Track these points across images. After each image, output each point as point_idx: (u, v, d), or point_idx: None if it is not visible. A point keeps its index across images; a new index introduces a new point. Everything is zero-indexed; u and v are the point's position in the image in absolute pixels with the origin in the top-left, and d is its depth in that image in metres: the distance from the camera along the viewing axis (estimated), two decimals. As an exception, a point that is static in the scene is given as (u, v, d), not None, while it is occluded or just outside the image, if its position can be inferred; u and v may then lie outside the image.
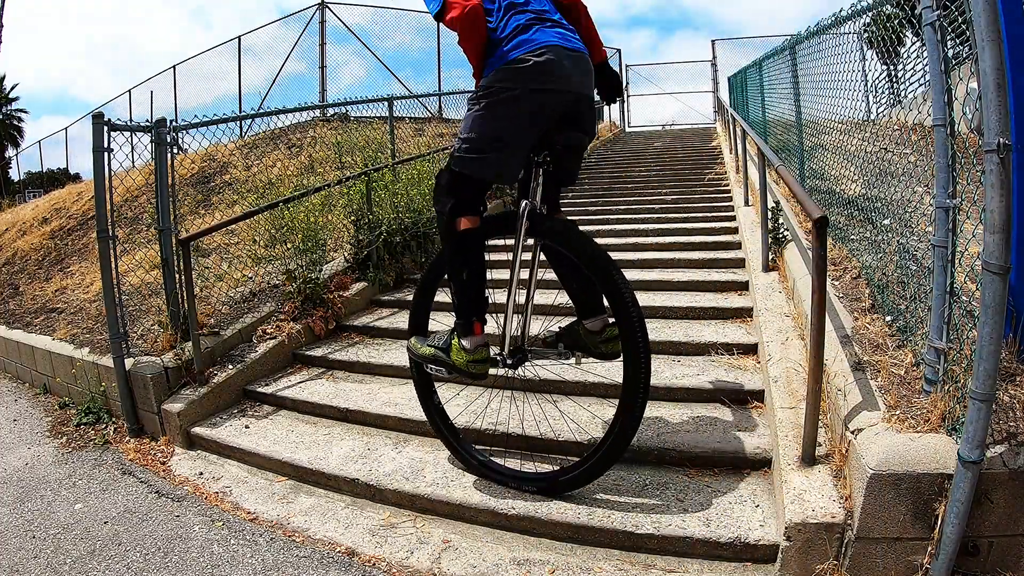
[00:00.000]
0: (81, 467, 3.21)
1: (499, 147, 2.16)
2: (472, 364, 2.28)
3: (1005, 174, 1.49)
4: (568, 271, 2.35)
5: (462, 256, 2.27)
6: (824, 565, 1.80)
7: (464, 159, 2.21)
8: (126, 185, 4.24)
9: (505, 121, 2.14)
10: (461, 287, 2.28)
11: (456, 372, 2.34)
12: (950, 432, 1.73)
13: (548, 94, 2.11)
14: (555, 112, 2.16)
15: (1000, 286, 1.51)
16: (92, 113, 3.51)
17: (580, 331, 2.38)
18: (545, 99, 2.11)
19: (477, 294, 2.29)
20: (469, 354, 2.28)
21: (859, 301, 2.71)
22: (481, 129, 2.17)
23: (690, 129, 14.38)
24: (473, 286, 2.28)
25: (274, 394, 3.55)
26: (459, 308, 2.30)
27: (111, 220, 3.53)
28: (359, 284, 4.81)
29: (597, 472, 2.26)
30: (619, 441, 2.18)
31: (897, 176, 2.54)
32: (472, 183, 2.27)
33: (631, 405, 2.14)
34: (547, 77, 2.08)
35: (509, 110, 2.11)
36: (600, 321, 2.34)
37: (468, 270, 2.26)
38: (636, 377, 2.12)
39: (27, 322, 5.25)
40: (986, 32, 1.48)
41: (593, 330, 2.34)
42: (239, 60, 12.26)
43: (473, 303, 2.28)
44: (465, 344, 2.29)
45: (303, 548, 2.30)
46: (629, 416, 2.15)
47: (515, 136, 2.15)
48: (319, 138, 8.33)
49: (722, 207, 6.33)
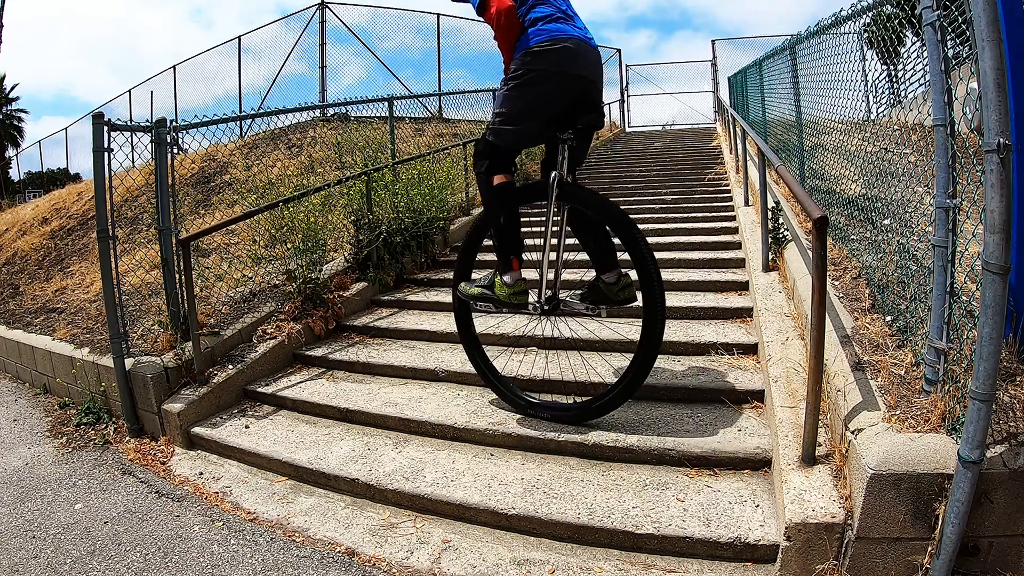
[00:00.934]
0: (81, 467, 3.21)
1: (524, 120, 2.64)
2: (512, 295, 2.73)
3: (1005, 174, 1.49)
4: (587, 232, 2.78)
5: (499, 205, 2.76)
6: (824, 565, 1.80)
7: (496, 130, 2.72)
8: (126, 185, 4.24)
9: (529, 98, 2.60)
10: (499, 231, 2.76)
11: (500, 304, 2.80)
12: (950, 432, 1.73)
13: (565, 77, 2.54)
14: (571, 94, 2.59)
15: (1000, 286, 1.51)
16: (92, 113, 3.51)
17: (600, 285, 2.78)
18: (562, 81, 2.55)
19: (513, 237, 2.77)
20: (509, 288, 2.73)
21: (859, 301, 2.71)
22: (509, 105, 2.65)
23: (690, 129, 14.39)
24: (510, 230, 2.76)
25: (274, 394, 3.55)
26: (499, 249, 2.77)
27: (111, 220, 3.53)
28: (359, 284, 4.82)
29: (631, 391, 2.65)
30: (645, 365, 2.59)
31: (897, 176, 2.54)
32: (502, 149, 2.76)
33: (652, 336, 2.56)
34: (564, 62, 2.51)
35: (532, 89, 2.57)
36: (615, 274, 2.77)
37: (505, 216, 2.75)
38: (655, 313, 2.55)
39: (27, 322, 5.25)
40: (986, 32, 1.48)
41: (610, 282, 2.77)
42: (239, 60, 12.28)
43: (510, 244, 2.76)
44: (506, 279, 2.74)
45: (303, 548, 2.30)
46: (651, 346, 2.56)
47: (537, 111, 2.62)
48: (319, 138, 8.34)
49: (722, 207, 6.33)
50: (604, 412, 2.71)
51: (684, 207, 6.59)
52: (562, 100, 2.59)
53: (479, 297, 2.86)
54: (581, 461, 2.60)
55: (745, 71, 9.01)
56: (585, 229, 2.78)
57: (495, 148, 2.75)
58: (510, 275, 2.74)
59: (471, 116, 9.58)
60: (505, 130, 2.68)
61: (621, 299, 2.78)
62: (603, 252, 2.78)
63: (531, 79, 2.54)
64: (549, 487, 2.41)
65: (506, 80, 2.65)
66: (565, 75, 2.53)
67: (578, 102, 2.60)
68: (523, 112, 2.63)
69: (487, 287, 2.82)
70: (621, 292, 2.76)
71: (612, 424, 2.72)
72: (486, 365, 3.09)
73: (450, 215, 6.11)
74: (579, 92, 2.59)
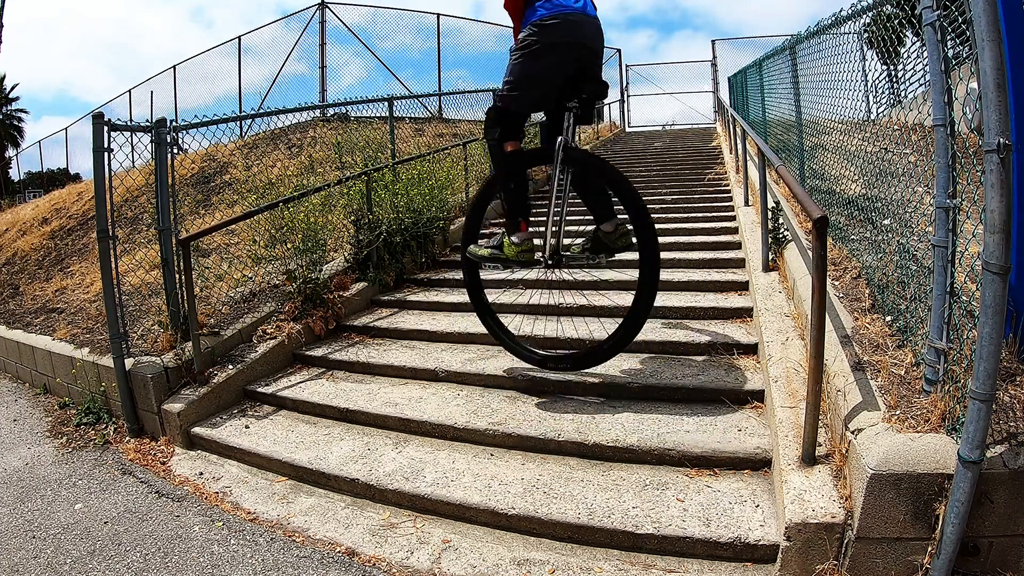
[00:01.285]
0: (81, 467, 3.21)
1: (530, 85, 2.89)
2: (520, 254, 2.99)
3: (1005, 174, 1.48)
4: (587, 189, 3.05)
5: (508, 170, 3.05)
6: (824, 565, 1.80)
7: (505, 96, 2.96)
8: (126, 185, 4.24)
9: (535, 66, 2.82)
10: (509, 195, 3.06)
11: (508, 262, 3.06)
12: (950, 432, 1.73)
13: (568, 47, 2.77)
14: (573, 63, 2.82)
15: (1000, 286, 1.51)
16: (92, 113, 3.51)
17: (599, 235, 3.06)
18: (566, 50, 2.78)
19: (521, 200, 3.07)
20: (517, 247, 2.99)
21: (859, 301, 2.71)
22: (517, 72, 2.88)
23: (690, 129, 14.39)
24: (518, 194, 3.06)
25: (274, 394, 3.55)
26: (508, 211, 3.09)
27: (111, 220, 3.53)
28: (359, 284, 4.82)
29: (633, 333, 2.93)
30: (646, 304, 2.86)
31: (897, 176, 2.53)
32: (511, 115, 3.01)
33: (650, 281, 2.84)
34: (568, 33, 2.75)
35: (538, 58, 2.79)
36: (612, 224, 3.03)
37: (514, 182, 3.06)
38: (652, 259, 2.81)
39: (27, 322, 5.25)
40: (986, 32, 1.48)
41: (608, 231, 3.04)
42: (239, 60, 12.28)
43: (519, 207, 3.05)
44: (514, 239, 3.00)
45: (303, 548, 2.30)
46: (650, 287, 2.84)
47: (542, 77, 2.85)
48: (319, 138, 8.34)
49: (722, 207, 6.33)
50: (617, 351, 2.99)
51: (684, 207, 6.59)
52: (565, 68, 2.82)
53: (488, 258, 3.10)
54: (581, 461, 2.59)
55: (745, 71, 9.01)
56: (586, 188, 3.05)
57: (504, 113, 3.00)
58: (518, 235, 3.01)
59: (471, 116, 9.58)
60: (513, 95, 2.94)
61: (619, 247, 3.05)
62: (602, 207, 3.05)
63: (537, 49, 2.78)
64: (549, 487, 2.41)
65: (515, 49, 2.90)
66: (569, 44, 2.76)
67: (581, 72, 2.85)
68: (530, 77, 2.87)
69: (496, 247, 3.08)
70: (619, 240, 3.03)
71: (612, 424, 2.72)
72: (500, 328, 3.32)
73: (450, 215, 6.11)
74: (582, 62, 2.84)
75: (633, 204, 2.83)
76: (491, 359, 3.55)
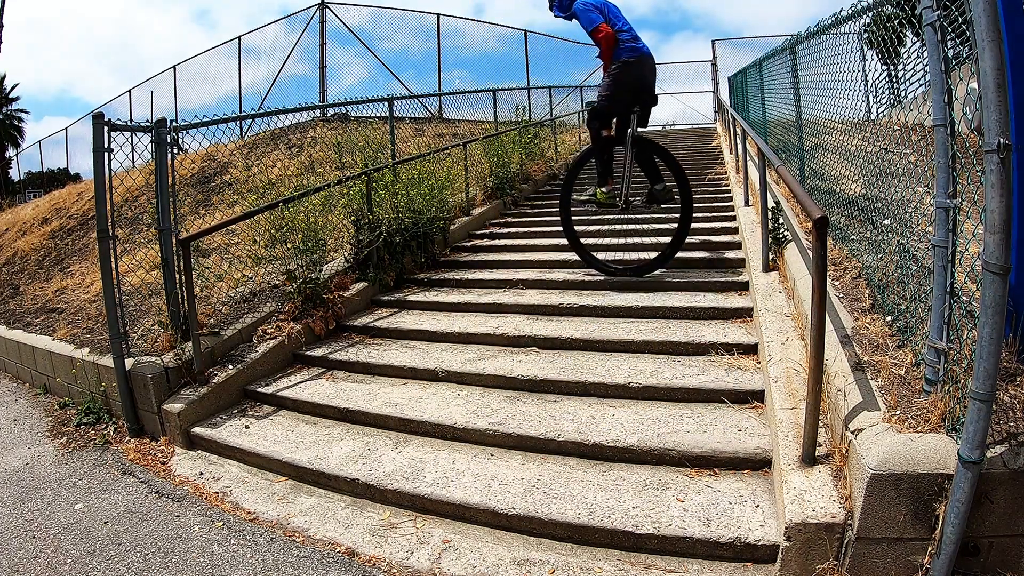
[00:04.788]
0: (81, 467, 3.21)
1: (616, 97, 4.56)
2: (607, 198, 4.79)
3: (1005, 174, 1.48)
4: (646, 163, 4.78)
5: (602, 147, 4.77)
6: (824, 565, 1.80)
7: (603, 102, 4.63)
8: (126, 185, 4.24)
9: (619, 86, 4.53)
10: (603, 163, 4.84)
11: (600, 204, 4.85)
12: (950, 432, 1.73)
13: (639, 75, 4.54)
14: (640, 86, 4.56)
15: (1000, 286, 1.51)
16: (92, 113, 3.51)
17: (654, 191, 4.82)
18: (637, 79, 4.53)
19: (609, 166, 4.85)
20: (605, 194, 4.80)
21: (859, 301, 2.71)
22: (612, 88, 4.54)
23: (690, 129, 14.39)
24: (608, 161, 4.85)
25: (274, 394, 3.55)
26: (600, 173, 4.87)
27: (111, 220, 3.53)
28: (359, 284, 4.82)
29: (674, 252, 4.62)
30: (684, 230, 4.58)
31: (897, 176, 2.53)
32: (604, 114, 4.67)
33: (687, 216, 4.56)
34: (639, 67, 4.52)
35: (621, 82, 4.52)
36: (662, 184, 4.80)
37: (605, 155, 4.82)
38: (687, 204, 4.57)
39: (27, 322, 5.25)
40: (986, 32, 1.48)
41: (659, 189, 4.80)
42: (239, 60, 12.28)
43: (607, 170, 4.84)
44: (603, 189, 4.82)
45: (303, 548, 2.30)
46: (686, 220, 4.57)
47: (623, 93, 4.54)
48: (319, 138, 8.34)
49: (722, 207, 6.33)
50: (662, 264, 4.60)
51: (684, 207, 6.59)
52: (634, 88, 4.54)
53: (586, 201, 4.92)
54: (581, 461, 2.60)
55: (745, 71, 9.00)
56: (645, 160, 4.77)
57: (600, 112, 4.67)
58: (606, 187, 4.80)
59: (471, 116, 9.58)
60: (606, 103, 4.61)
61: (665, 199, 4.83)
62: (655, 173, 4.80)
63: (621, 76, 4.51)
64: (549, 487, 2.41)
65: (608, 74, 4.57)
66: (640, 74, 4.54)
67: (642, 90, 4.57)
68: (616, 93, 4.55)
69: (592, 196, 4.88)
70: (665, 194, 4.80)
71: (612, 423, 2.72)
72: (588, 253, 4.81)
73: (450, 215, 6.11)
74: (644, 82, 4.57)
75: (677, 169, 4.60)
76: (491, 359, 3.55)
